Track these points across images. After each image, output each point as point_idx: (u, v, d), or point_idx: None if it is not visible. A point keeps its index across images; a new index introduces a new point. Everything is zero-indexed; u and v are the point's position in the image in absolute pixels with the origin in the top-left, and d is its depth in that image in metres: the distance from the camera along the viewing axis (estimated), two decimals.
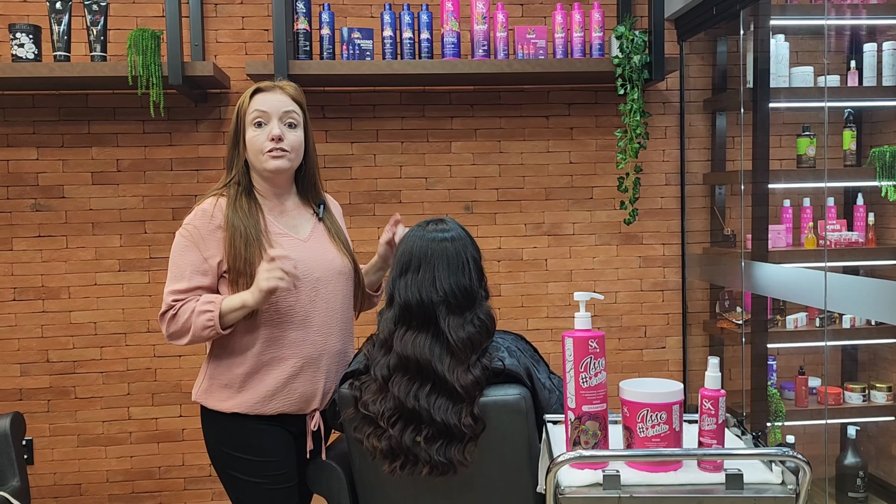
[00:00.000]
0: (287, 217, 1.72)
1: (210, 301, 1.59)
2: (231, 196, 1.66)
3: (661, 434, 1.19)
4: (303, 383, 1.66)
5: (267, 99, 1.66)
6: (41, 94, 2.86)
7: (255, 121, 1.65)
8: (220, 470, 1.68)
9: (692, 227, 3.14)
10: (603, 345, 1.24)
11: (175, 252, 1.65)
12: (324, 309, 1.68)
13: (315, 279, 1.67)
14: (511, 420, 1.46)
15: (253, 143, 1.65)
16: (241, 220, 1.62)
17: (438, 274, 1.47)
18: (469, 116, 3.04)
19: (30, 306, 2.90)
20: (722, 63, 3.07)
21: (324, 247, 1.72)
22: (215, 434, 1.67)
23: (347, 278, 1.75)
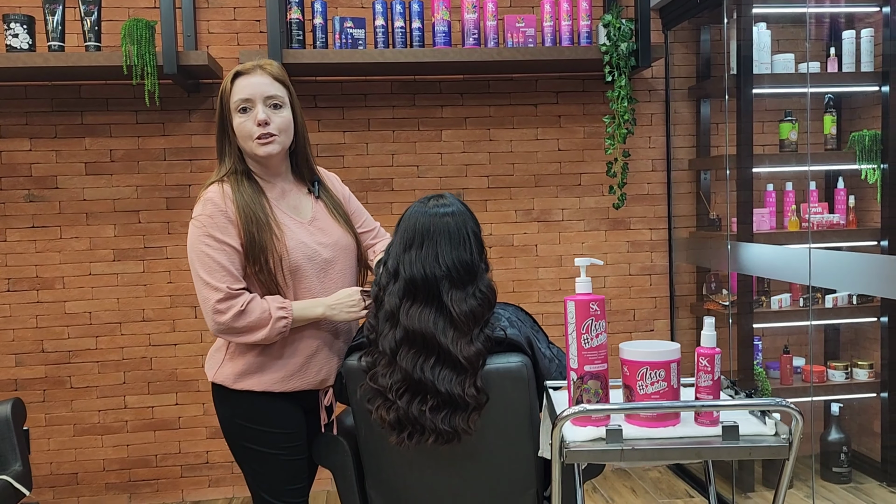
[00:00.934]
0: (288, 198, 1.72)
1: (282, 306, 1.61)
2: (234, 183, 1.65)
3: (660, 391, 1.24)
4: (321, 362, 1.69)
5: (249, 83, 1.63)
6: (34, 86, 2.87)
7: (240, 107, 1.63)
8: (236, 444, 1.69)
9: (678, 212, 3.21)
10: (603, 307, 1.29)
11: (196, 244, 1.62)
12: (334, 287, 1.71)
13: (324, 261, 1.69)
14: (513, 387, 1.51)
15: (241, 130, 1.63)
16: (249, 205, 1.62)
17: (441, 249, 1.51)
18: (459, 105, 3.09)
19: (24, 297, 2.91)
20: (706, 51, 3.15)
21: (327, 226, 1.73)
22: (232, 409, 1.68)
23: (352, 254, 1.77)
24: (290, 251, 1.64)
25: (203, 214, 1.62)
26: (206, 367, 1.75)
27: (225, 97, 1.66)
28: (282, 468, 1.66)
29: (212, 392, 1.73)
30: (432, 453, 1.57)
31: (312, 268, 1.67)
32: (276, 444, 1.66)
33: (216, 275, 1.60)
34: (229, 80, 1.66)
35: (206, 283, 1.60)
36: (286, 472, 1.67)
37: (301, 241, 1.66)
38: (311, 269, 1.67)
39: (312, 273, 1.67)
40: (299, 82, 2.98)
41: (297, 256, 1.64)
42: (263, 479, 1.66)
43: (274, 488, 1.67)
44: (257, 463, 1.66)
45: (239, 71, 1.65)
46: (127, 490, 3.00)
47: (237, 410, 1.66)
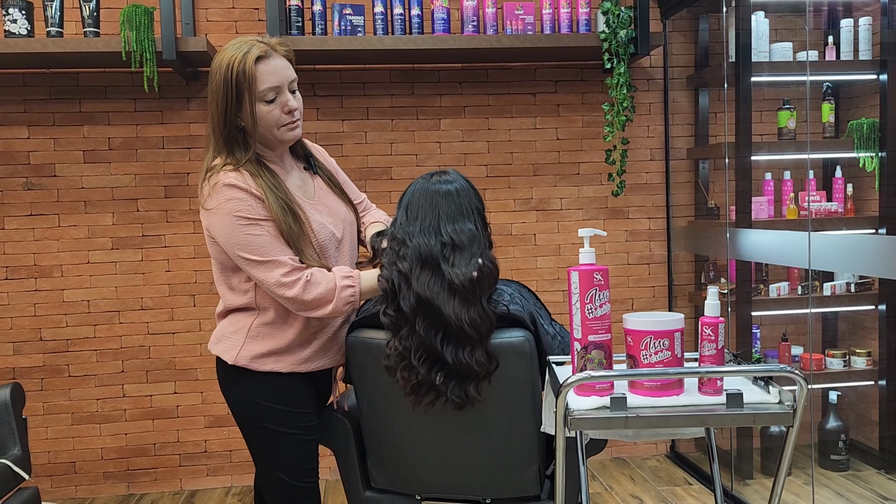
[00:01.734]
0: (292, 179, 1.68)
1: (349, 275, 1.58)
2: (254, 170, 1.57)
3: (664, 360, 1.24)
4: (332, 339, 1.68)
5: (274, 69, 1.54)
6: (32, 73, 2.86)
7: (269, 97, 1.54)
8: (253, 426, 1.65)
9: (677, 201, 3.22)
10: (607, 278, 1.30)
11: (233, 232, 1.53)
12: (348, 264, 1.71)
13: (337, 239, 1.67)
14: (516, 362, 1.51)
15: (268, 118, 1.55)
16: (276, 196, 1.55)
17: (442, 222, 1.52)
18: (458, 94, 3.09)
19: (22, 285, 2.90)
20: (704, 40, 3.16)
21: (331, 202, 1.71)
22: (253, 390, 1.63)
23: (354, 227, 1.77)
24: (317, 233, 1.62)
25: (231, 200, 1.52)
26: (219, 349, 1.67)
27: (246, 84, 1.51)
28: (300, 448, 1.66)
29: (220, 374, 1.69)
30: (435, 427, 1.57)
31: (330, 247, 1.65)
32: (297, 423, 1.65)
33: (272, 251, 1.53)
34: (251, 64, 1.51)
35: (262, 263, 1.53)
36: (304, 452, 1.67)
37: (319, 222, 1.64)
38: (331, 248, 1.65)
39: (330, 253, 1.66)
40: (298, 70, 2.95)
41: (322, 237, 1.63)
42: (281, 459, 1.65)
43: (292, 468, 1.65)
44: (275, 443, 1.64)
45: (259, 55, 1.52)
46: (125, 479, 2.99)
47: (258, 391, 1.63)
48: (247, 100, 1.53)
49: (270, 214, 1.54)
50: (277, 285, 1.53)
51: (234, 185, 1.53)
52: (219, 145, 1.58)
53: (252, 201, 1.54)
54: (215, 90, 1.55)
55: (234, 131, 1.57)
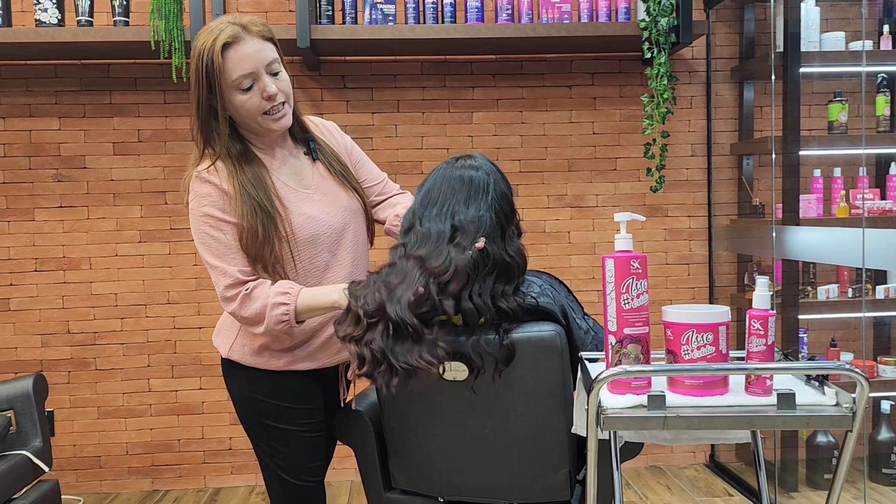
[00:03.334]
0: (287, 165, 1.57)
1: (285, 292, 1.46)
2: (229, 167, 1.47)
3: (707, 356, 1.14)
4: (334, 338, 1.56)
5: (245, 53, 1.42)
6: (63, 65, 2.86)
7: (243, 86, 1.44)
8: (252, 421, 1.59)
9: (719, 199, 3.08)
10: (645, 266, 1.19)
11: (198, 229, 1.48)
12: (349, 259, 1.59)
13: (336, 231, 1.56)
14: (545, 357, 1.42)
15: (247, 108, 1.45)
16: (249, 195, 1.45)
17: (458, 205, 1.43)
18: (491, 86, 3.00)
19: (51, 277, 2.89)
20: (749, 30, 3.02)
21: (332, 190, 1.59)
22: (248, 384, 1.58)
23: (361, 216, 1.64)
24: (296, 230, 1.51)
25: (199, 196, 1.47)
26: (217, 341, 1.65)
27: (214, 75, 1.42)
28: (301, 445, 1.58)
29: (222, 366, 1.65)
30: (458, 428, 1.48)
31: (324, 241, 1.54)
32: (296, 420, 1.57)
33: (226, 258, 1.47)
34: (217, 52, 1.41)
35: (214, 267, 1.48)
36: (305, 450, 1.58)
37: (308, 216, 1.53)
38: (322, 243, 1.54)
39: (324, 247, 1.55)
40: (327, 62, 2.92)
41: (304, 234, 1.52)
42: (282, 457, 1.58)
43: (292, 467, 1.58)
44: (275, 440, 1.57)
45: (226, 42, 1.41)
46: (149, 475, 2.96)
47: (254, 385, 1.57)
48: (220, 90, 1.44)
49: (234, 217, 1.46)
50: (221, 297, 1.48)
51: (205, 180, 1.47)
52: (196, 138, 1.50)
53: (219, 199, 1.46)
54: (192, 81, 1.47)
55: (209, 122, 1.47)
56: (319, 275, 1.56)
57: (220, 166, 1.48)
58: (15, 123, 2.85)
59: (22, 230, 2.87)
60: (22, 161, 2.86)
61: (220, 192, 1.47)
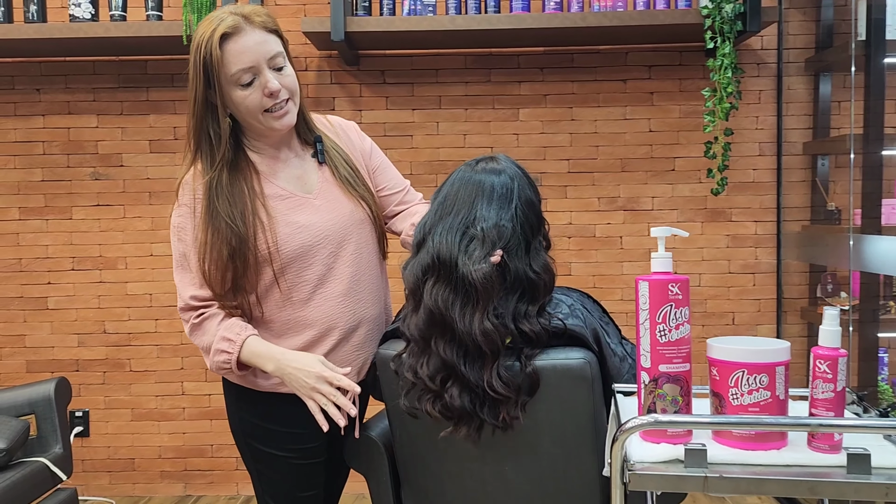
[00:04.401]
0: (288, 168, 1.45)
1: (229, 339, 1.36)
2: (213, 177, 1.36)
3: (761, 402, 0.94)
4: (335, 360, 1.43)
5: (246, 46, 1.32)
6: (101, 61, 2.81)
7: (243, 81, 1.33)
8: (241, 441, 1.50)
9: (789, 203, 2.81)
10: (687, 291, 1.01)
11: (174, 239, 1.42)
12: (347, 274, 1.44)
13: (334, 242, 1.42)
14: (573, 388, 1.24)
15: (247, 105, 1.34)
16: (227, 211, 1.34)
17: (480, 213, 1.26)
18: (538, 81, 2.81)
19: (87, 276, 2.86)
20: (827, 18, 2.74)
21: (335, 198, 1.46)
22: (237, 401, 1.48)
23: (367, 227, 1.49)
24: (282, 242, 1.38)
25: (178, 205, 1.41)
26: None
27: (212, 68, 1.32)
28: (291, 472, 1.44)
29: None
30: (476, 462, 1.32)
31: (317, 252, 1.41)
32: (285, 444, 1.44)
33: (184, 276, 1.41)
34: (215, 45, 1.31)
35: (176, 282, 1.42)
36: (296, 477, 1.45)
37: (299, 225, 1.40)
38: (315, 255, 1.40)
39: (317, 259, 1.41)
40: (366, 56, 2.79)
41: (291, 246, 1.39)
42: (269, 483, 1.46)
43: (282, 494, 1.45)
44: (264, 464, 1.45)
45: (225, 33, 1.31)
46: (182, 479, 2.90)
47: (241, 402, 1.46)
48: (218, 85, 1.33)
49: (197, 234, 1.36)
50: (179, 310, 1.43)
51: (187, 189, 1.39)
52: (189, 137, 1.40)
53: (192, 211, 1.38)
54: (189, 75, 1.36)
55: (205, 120, 1.36)
56: (310, 291, 1.42)
57: (202, 174, 1.38)
58: (55, 121, 2.83)
59: (60, 229, 2.84)
60: (61, 159, 2.83)
61: (195, 203, 1.38)
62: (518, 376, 1.22)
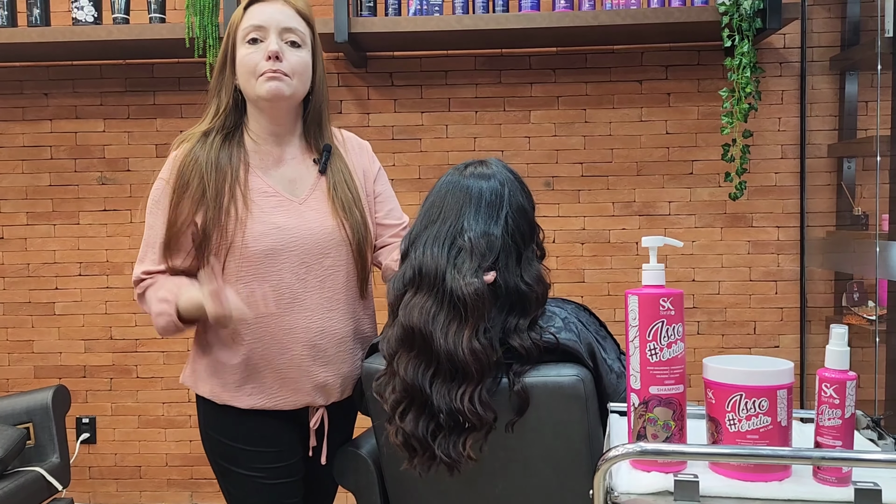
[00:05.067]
0: (283, 168, 1.41)
1: (164, 299, 1.32)
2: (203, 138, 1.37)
3: (761, 429, 0.86)
4: (295, 377, 1.38)
5: (265, 10, 1.35)
6: (108, 65, 2.80)
7: (249, 37, 1.35)
8: (210, 458, 1.44)
9: (814, 208, 2.69)
10: (680, 307, 0.92)
11: (147, 211, 1.42)
12: (317, 288, 1.37)
13: (305, 252, 1.36)
14: (565, 407, 1.16)
15: (245, 62, 1.34)
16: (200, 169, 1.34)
17: (468, 222, 1.19)
18: (551, 82, 2.73)
19: (94, 282, 2.84)
20: (854, 14, 2.62)
21: (322, 211, 1.40)
22: (204, 418, 1.43)
23: (346, 250, 1.41)
24: (249, 239, 1.33)
25: (158, 178, 1.42)
26: None
27: (233, 27, 1.38)
28: (259, 494, 1.38)
29: None
30: (465, 487, 1.25)
31: (288, 259, 1.35)
32: (252, 464, 1.38)
33: (146, 253, 1.41)
34: (242, 7, 1.39)
35: (140, 254, 1.43)
36: (268, 497, 1.39)
37: (275, 226, 1.35)
38: (285, 260, 1.35)
39: (287, 266, 1.35)
40: (373, 58, 2.73)
41: (259, 246, 1.34)
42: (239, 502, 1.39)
43: None
44: (230, 483, 1.40)
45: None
46: (188, 488, 2.86)
47: (209, 418, 1.41)
48: (233, 43, 1.38)
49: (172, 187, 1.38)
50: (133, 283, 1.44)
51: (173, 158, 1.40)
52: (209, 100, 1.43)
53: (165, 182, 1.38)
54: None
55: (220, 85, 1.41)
56: (287, 304, 1.36)
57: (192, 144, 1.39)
58: (62, 125, 2.82)
59: (67, 233, 2.83)
60: (68, 163, 2.82)
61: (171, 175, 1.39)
62: (502, 397, 1.15)
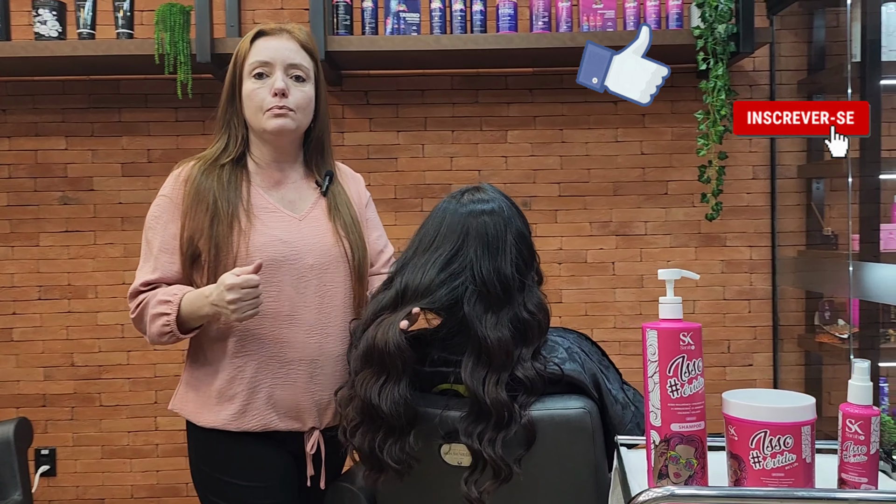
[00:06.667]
0: (284, 189, 1.43)
1: (167, 301, 1.31)
2: (207, 159, 1.40)
3: (786, 466, 0.84)
4: (291, 394, 1.36)
5: (270, 45, 1.39)
6: (71, 80, 2.70)
7: (255, 72, 1.38)
8: (200, 493, 1.40)
9: (784, 227, 2.74)
10: (699, 341, 0.91)
11: (146, 227, 1.43)
12: (316, 304, 1.38)
13: (305, 267, 1.37)
14: (571, 441, 1.14)
15: (251, 98, 1.38)
16: (210, 186, 1.35)
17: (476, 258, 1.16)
18: (528, 102, 2.73)
19: (55, 306, 2.72)
20: (819, 39, 2.68)
21: (321, 227, 1.42)
22: (195, 449, 1.40)
23: (344, 266, 1.42)
24: (252, 250, 1.34)
25: (161, 194, 1.42)
26: None
27: (239, 58, 1.41)
28: None
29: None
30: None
31: (287, 271, 1.35)
32: (237, 497, 1.33)
33: (143, 266, 1.39)
34: (248, 39, 1.42)
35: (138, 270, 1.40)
36: None
37: (276, 238, 1.36)
38: (285, 272, 1.36)
39: (287, 278, 1.35)
40: (349, 76, 2.70)
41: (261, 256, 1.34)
42: None
43: None
44: None
45: (261, 31, 1.42)
46: None
47: (200, 450, 1.37)
48: (240, 77, 1.40)
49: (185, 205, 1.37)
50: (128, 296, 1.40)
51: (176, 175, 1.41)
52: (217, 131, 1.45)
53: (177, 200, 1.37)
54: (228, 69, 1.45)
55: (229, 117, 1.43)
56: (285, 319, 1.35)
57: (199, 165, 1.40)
58: (21, 143, 2.70)
59: (26, 256, 2.70)
60: (27, 182, 2.70)
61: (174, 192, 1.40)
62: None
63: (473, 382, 1.09)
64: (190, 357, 1.44)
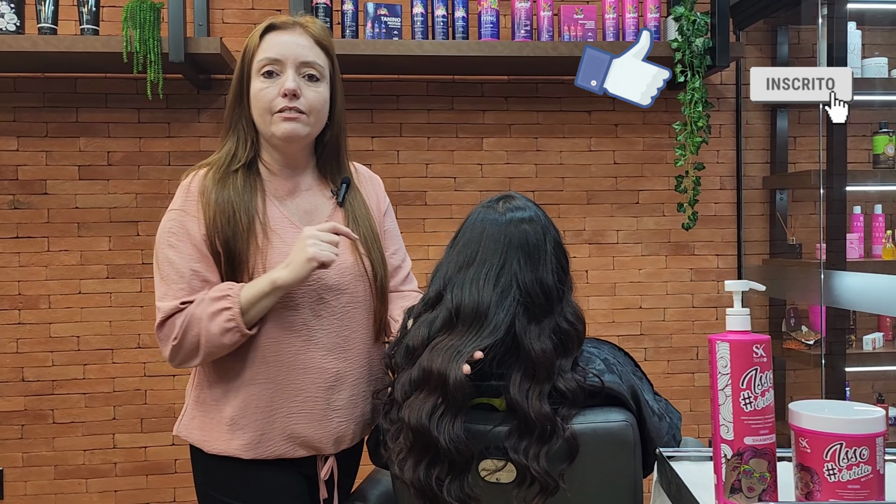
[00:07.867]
0: (298, 199, 1.33)
1: (223, 296, 1.21)
2: (219, 166, 1.30)
3: (862, 478, 0.85)
4: (307, 425, 1.28)
5: (282, 40, 1.27)
6: (24, 77, 2.53)
7: (264, 69, 1.26)
8: None
9: (749, 237, 2.82)
10: (770, 353, 0.91)
11: (162, 246, 1.28)
12: (335, 326, 1.30)
13: (324, 287, 1.28)
14: (614, 455, 1.12)
15: (259, 98, 1.27)
16: (228, 197, 1.26)
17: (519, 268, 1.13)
18: (503, 110, 2.72)
19: (4, 317, 2.54)
20: (783, 55, 2.78)
21: (340, 244, 1.31)
22: (203, 475, 1.31)
23: (365, 284, 1.34)
24: (268, 268, 1.25)
25: (172, 208, 1.30)
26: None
27: (248, 55, 1.30)
28: None
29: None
30: None
31: (307, 292, 1.27)
32: None
33: (170, 288, 1.26)
34: (258, 33, 1.30)
35: (159, 296, 1.28)
36: None
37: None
38: (303, 294, 1.27)
39: (305, 300, 1.27)
40: None
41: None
42: None
43: None
44: None
45: (273, 24, 1.30)
46: None
47: (208, 477, 1.29)
48: (248, 74, 1.30)
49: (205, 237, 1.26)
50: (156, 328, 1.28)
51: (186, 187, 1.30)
52: (224, 132, 1.35)
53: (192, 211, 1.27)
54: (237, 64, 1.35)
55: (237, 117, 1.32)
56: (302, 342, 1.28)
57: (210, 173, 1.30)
58: None
59: None
60: None
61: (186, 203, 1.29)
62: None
63: (519, 396, 1.06)
64: (198, 381, 1.34)
